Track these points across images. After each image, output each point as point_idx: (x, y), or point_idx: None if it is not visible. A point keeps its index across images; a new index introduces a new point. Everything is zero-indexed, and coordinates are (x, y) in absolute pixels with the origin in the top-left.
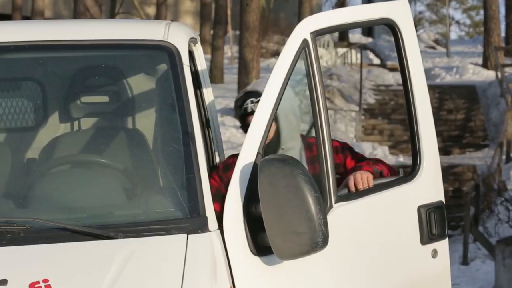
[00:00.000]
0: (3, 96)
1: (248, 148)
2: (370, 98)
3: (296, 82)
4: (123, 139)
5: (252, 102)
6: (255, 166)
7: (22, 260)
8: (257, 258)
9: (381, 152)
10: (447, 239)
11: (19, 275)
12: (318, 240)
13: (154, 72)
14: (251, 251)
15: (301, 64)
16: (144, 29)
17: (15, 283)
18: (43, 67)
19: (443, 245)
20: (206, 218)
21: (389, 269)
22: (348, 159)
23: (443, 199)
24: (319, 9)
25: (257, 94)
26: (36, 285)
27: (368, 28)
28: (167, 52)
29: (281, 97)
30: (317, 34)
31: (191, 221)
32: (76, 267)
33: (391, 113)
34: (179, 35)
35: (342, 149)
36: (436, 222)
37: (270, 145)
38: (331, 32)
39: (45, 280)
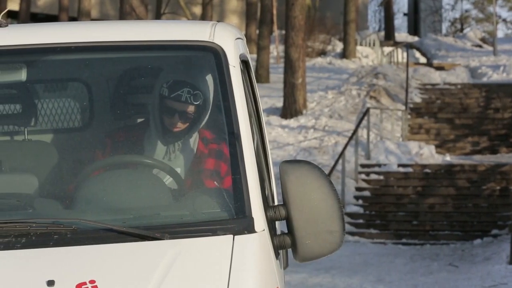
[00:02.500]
0: (50, 97)
1: (249, 155)
2: (417, 97)
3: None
4: None
5: (189, 93)
6: (260, 173)
7: (69, 261)
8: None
9: (428, 151)
10: None
11: (66, 276)
12: (344, 238)
13: (200, 73)
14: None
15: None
16: (190, 30)
17: (62, 284)
18: (90, 69)
19: None
20: (252, 219)
21: None
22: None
23: None
24: (365, 8)
25: (194, 87)
26: (83, 286)
27: (414, 26)
28: (213, 53)
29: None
30: None
31: (237, 222)
32: (122, 268)
33: (438, 112)
34: (225, 35)
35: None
36: None
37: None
38: None
39: (91, 281)
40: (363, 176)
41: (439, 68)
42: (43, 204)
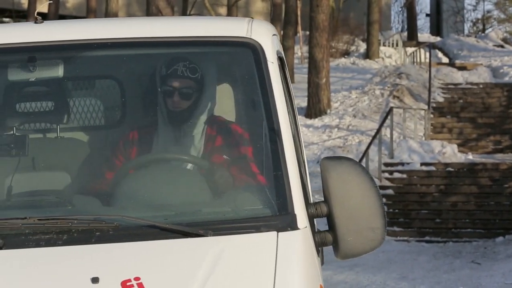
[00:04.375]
0: (85, 94)
1: (289, 151)
2: (439, 97)
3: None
4: None
5: (185, 66)
6: (300, 170)
7: (113, 258)
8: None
9: (450, 150)
10: None
11: (110, 273)
12: (385, 235)
13: (238, 69)
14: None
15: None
16: (227, 26)
17: (107, 281)
18: (128, 65)
19: None
20: (295, 215)
21: None
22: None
23: None
24: (388, 9)
25: (190, 61)
26: (128, 283)
27: (436, 27)
28: (251, 49)
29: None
30: None
31: (280, 219)
32: (167, 265)
33: (460, 111)
34: (262, 32)
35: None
36: None
37: (183, 113)
38: None
39: (136, 278)
40: (386, 174)
41: (461, 68)
42: (82, 201)
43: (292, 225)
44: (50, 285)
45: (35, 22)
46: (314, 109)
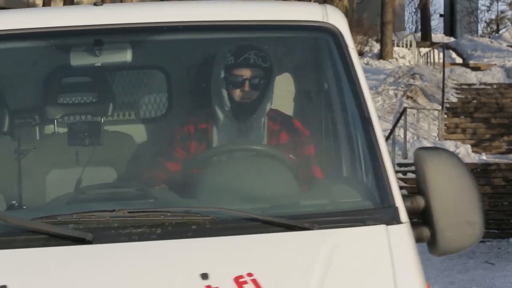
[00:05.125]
0: (149, 83)
1: (382, 140)
2: (453, 97)
3: None
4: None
5: (256, 54)
6: (392, 161)
7: (218, 253)
8: None
9: (464, 150)
10: None
11: (219, 268)
12: (483, 230)
13: (315, 56)
14: None
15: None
16: (301, 10)
17: (217, 277)
18: (203, 49)
19: None
20: (397, 208)
21: None
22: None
23: None
24: (401, 9)
25: (260, 50)
26: (241, 279)
27: (450, 27)
28: (331, 34)
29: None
30: None
31: (385, 212)
32: (278, 260)
33: (474, 112)
34: (337, 17)
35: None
36: None
37: (249, 105)
38: None
39: (249, 274)
40: (400, 175)
41: (475, 68)
42: (163, 194)
43: (396, 219)
44: (157, 283)
45: (95, 4)
46: None
